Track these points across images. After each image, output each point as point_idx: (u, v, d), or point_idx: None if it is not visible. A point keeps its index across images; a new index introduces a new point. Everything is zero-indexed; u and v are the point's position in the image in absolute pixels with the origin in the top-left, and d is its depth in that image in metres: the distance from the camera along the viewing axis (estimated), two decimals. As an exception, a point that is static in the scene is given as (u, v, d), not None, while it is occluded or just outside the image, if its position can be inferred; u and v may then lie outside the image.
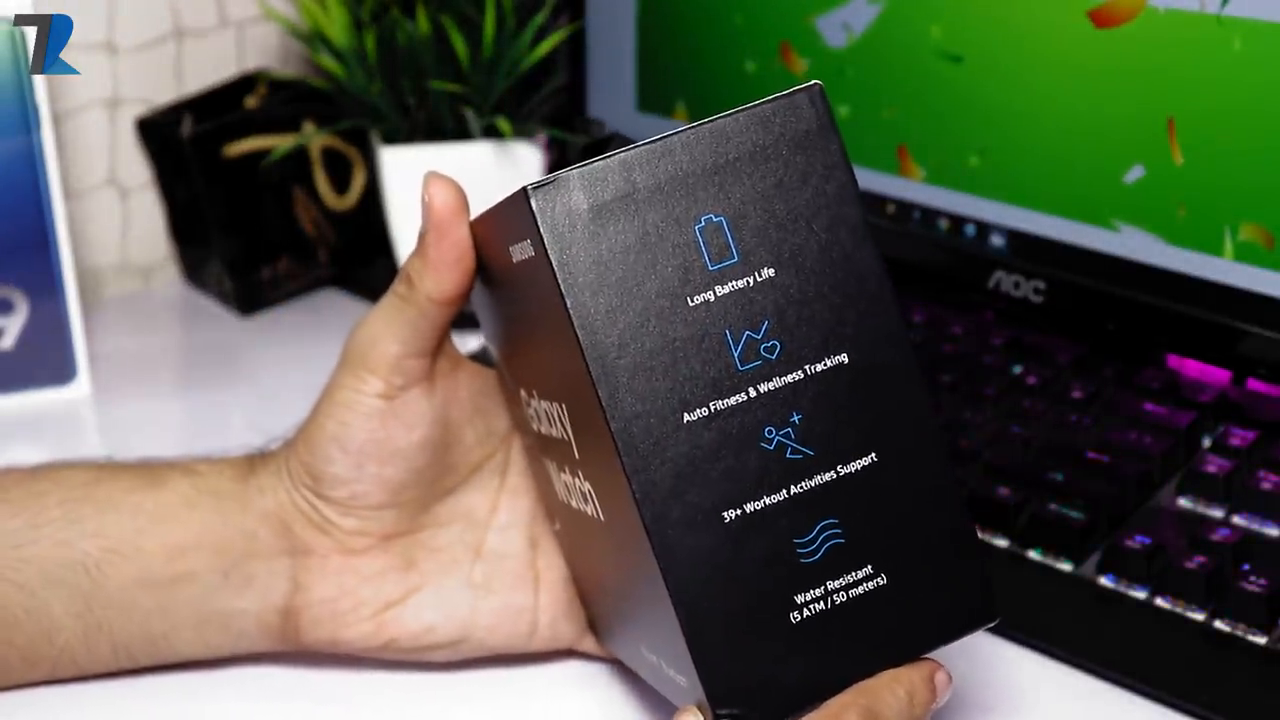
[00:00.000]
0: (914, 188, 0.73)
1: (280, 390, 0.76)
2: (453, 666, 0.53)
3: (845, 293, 0.42)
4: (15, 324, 0.77)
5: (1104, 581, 0.56)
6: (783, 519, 0.41)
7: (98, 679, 0.53)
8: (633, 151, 0.41)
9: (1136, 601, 0.55)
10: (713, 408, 0.41)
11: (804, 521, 0.41)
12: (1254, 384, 0.65)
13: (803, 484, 0.41)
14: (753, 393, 0.41)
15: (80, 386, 0.78)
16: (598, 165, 0.41)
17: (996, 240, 0.70)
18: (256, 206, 0.88)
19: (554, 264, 0.40)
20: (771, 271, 0.41)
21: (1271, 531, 0.57)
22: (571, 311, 0.40)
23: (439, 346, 0.50)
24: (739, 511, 0.41)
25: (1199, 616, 0.54)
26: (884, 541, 0.42)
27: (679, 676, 0.42)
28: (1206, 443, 0.62)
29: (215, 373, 0.82)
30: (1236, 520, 0.58)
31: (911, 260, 0.74)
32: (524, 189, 0.41)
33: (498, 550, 0.52)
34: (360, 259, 0.91)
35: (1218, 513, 0.58)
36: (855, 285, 0.42)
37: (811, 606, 0.41)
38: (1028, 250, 0.69)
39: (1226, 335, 0.63)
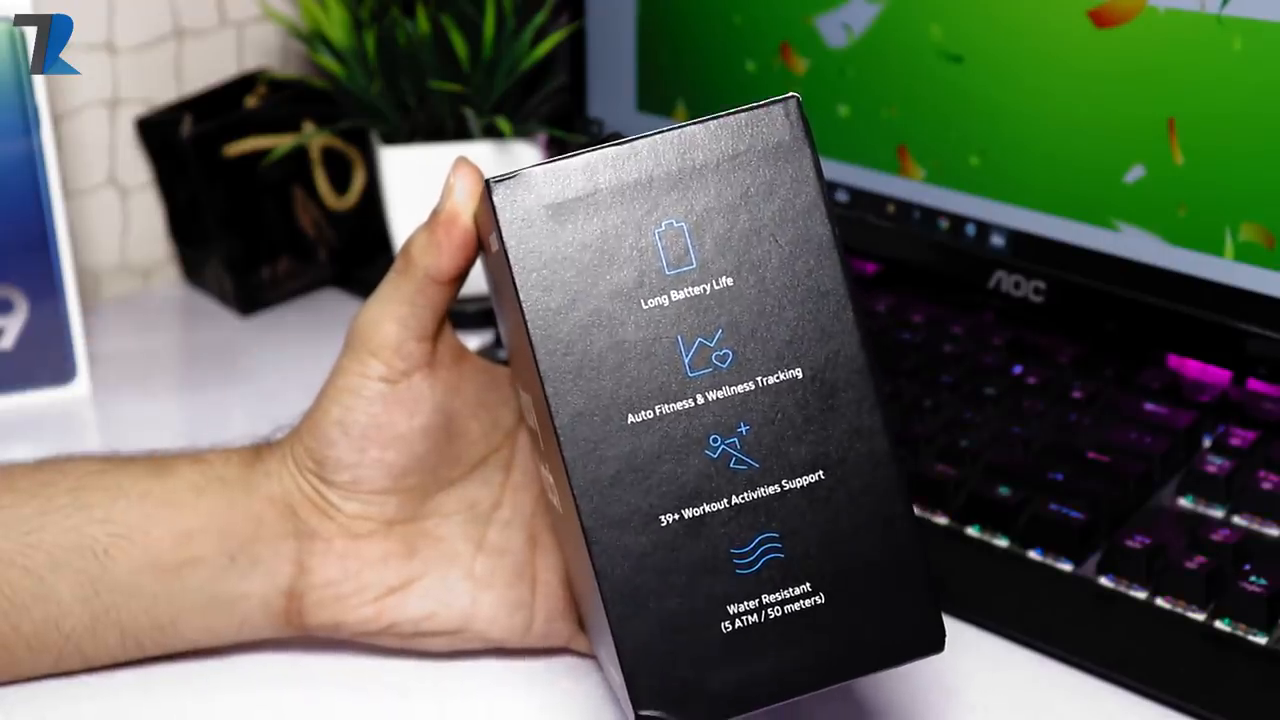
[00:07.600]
0: (914, 188, 0.73)
1: (280, 390, 0.76)
2: (451, 656, 0.54)
3: (805, 308, 0.41)
4: (15, 324, 0.77)
5: (1104, 581, 0.56)
6: (721, 528, 0.41)
7: (97, 673, 0.53)
8: (598, 152, 0.41)
9: (1136, 601, 0.55)
10: (658, 410, 0.41)
11: (743, 532, 0.41)
12: (1254, 384, 0.65)
13: (744, 495, 0.41)
14: (700, 399, 0.41)
15: (80, 386, 0.78)
16: (561, 163, 0.41)
17: (996, 240, 0.70)
18: (256, 206, 0.88)
19: (509, 257, 0.41)
20: (729, 280, 0.41)
21: (1271, 531, 0.57)
22: (524, 306, 0.41)
23: (438, 331, 0.50)
24: (677, 516, 0.41)
25: (1199, 616, 0.54)
26: (825, 561, 0.41)
27: (615, 674, 0.42)
28: (1206, 443, 0.62)
29: (215, 373, 0.82)
30: (1236, 520, 0.58)
31: (911, 260, 0.74)
32: (486, 181, 0.41)
33: (499, 545, 0.52)
34: (360, 259, 0.91)
35: (1218, 513, 0.58)
36: (816, 302, 0.41)
37: (744, 618, 0.41)
38: (1028, 250, 0.69)
39: (1226, 335, 0.63)
